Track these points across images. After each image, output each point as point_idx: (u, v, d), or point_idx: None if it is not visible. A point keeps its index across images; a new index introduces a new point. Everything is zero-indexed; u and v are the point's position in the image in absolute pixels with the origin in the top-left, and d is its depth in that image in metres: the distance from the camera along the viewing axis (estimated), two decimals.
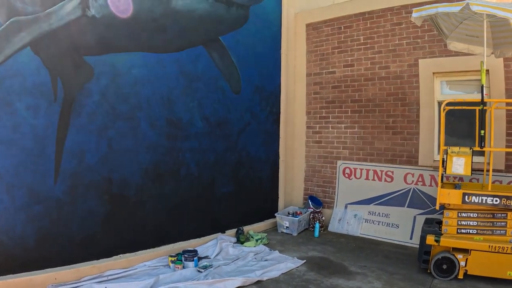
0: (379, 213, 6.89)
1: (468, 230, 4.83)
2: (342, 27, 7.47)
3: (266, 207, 7.47)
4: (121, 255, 5.14)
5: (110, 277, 4.72)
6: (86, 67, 4.86)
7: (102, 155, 5.04)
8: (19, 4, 4.25)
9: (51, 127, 4.60)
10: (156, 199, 5.61)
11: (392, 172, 6.88)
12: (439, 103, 6.34)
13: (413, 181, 6.66)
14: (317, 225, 6.93)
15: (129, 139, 5.31)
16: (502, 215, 4.71)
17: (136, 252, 5.28)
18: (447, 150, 4.91)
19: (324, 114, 7.73)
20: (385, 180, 6.93)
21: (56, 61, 4.60)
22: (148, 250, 5.41)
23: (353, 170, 7.33)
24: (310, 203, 7.45)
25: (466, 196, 4.75)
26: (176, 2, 5.55)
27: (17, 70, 4.29)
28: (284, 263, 5.36)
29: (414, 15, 4.87)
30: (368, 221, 6.95)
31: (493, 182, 5.29)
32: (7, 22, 4.17)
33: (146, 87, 5.46)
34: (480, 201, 4.70)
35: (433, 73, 6.53)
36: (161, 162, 5.68)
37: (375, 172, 7.07)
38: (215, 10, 6.02)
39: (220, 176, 6.54)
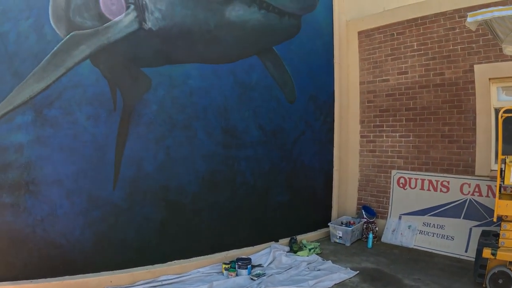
0: (434, 224, 6.28)
1: None
2: (395, 34, 6.93)
3: (320, 216, 7.03)
4: (175, 261, 4.95)
5: (164, 282, 4.55)
6: (144, 78, 4.76)
7: (160, 163, 4.90)
8: (78, 19, 4.20)
9: (111, 136, 4.54)
10: (212, 207, 5.39)
11: (448, 182, 6.25)
12: (496, 110, 5.76)
13: (469, 191, 6.01)
14: (371, 235, 6.41)
15: (186, 148, 5.14)
16: None
17: (190, 259, 5.07)
18: (505, 159, 4.42)
19: (378, 123, 7.20)
20: (441, 191, 6.31)
21: (114, 73, 4.53)
22: (202, 257, 5.18)
23: (408, 180, 6.75)
24: (363, 213, 6.92)
25: None
26: (229, 13, 5.32)
27: (77, 81, 4.26)
28: (337, 274, 4.97)
29: (469, 19, 4.30)
30: (423, 233, 6.35)
31: None
32: (67, 36, 4.14)
33: (202, 97, 5.28)
34: None
35: (489, 78, 5.88)
36: (217, 170, 5.46)
37: (430, 182, 6.45)
38: (268, 20, 5.72)
39: (274, 185, 6.22)
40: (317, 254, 5.79)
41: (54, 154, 4.14)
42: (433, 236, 6.21)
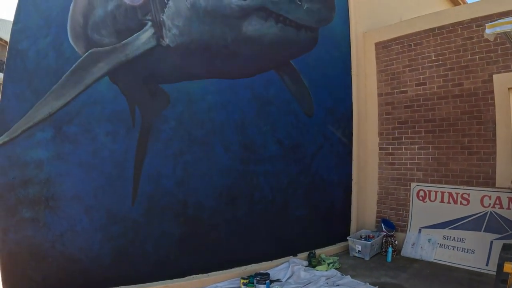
0: (454, 237, 5.97)
1: None
2: (412, 45, 6.71)
3: (338, 230, 6.77)
4: (194, 275, 4.79)
5: None
6: (163, 95, 4.68)
7: (178, 179, 4.79)
8: (96, 36, 4.16)
9: (130, 152, 4.45)
10: (230, 222, 5.23)
11: (468, 195, 5.95)
12: None
13: (490, 204, 5.71)
14: (390, 249, 6.13)
15: (204, 163, 5.02)
16: None
17: (208, 273, 4.90)
18: None
19: (397, 135, 6.94)
20: (461, 203, 6.01)
21: (133, 89, 4.46)
22: (220, 271, 5.00)
23: (427, 192, 6.46)
24: (383, 226, 6.64)
25: None
26: (246, 28, 5.21)
27: (96, 98, 4.20)
28: None
29: (487, 31, 4.07)
30: (443, 246, 6.04)
31: None
32: (86, 54, 4.10)
33: (220, 113, 5.17)
34: None
35: (509, 88, 5.63)
36: (235, 185, 5.31)
37: (450, 194, 6.16)
38: (285, 34, 5.57)
39: (293, 199, 6.01)
40: (336, 268, 5.54)
41: (73, 170, 4.08)
42: (453, 249, 5.91)
